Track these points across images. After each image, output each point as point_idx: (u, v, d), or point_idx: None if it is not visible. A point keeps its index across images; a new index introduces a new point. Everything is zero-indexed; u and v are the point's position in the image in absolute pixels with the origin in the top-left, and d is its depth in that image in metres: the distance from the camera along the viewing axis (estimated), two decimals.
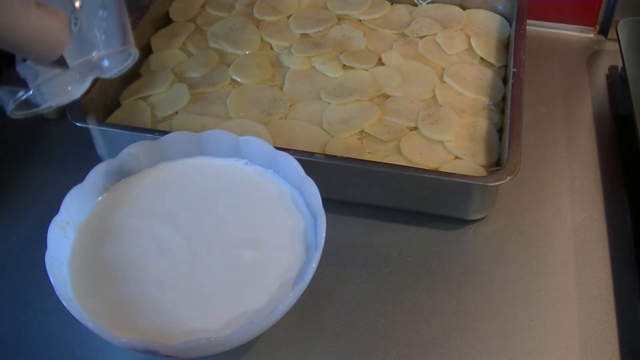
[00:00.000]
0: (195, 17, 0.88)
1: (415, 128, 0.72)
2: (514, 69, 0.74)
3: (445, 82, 0.77)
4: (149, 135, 0.65)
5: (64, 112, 0.71)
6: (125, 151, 0.62)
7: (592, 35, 0.91)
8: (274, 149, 0.62)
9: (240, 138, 0.63)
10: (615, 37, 0.81)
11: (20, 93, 0.50)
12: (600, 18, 0.90)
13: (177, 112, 0.74)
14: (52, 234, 0.55)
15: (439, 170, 0.67)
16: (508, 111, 0.69)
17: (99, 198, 0.61)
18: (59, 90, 0.53)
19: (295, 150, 0.64)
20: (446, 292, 0.62)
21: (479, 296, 0.61)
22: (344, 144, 0.70)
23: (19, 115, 0.51)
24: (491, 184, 0.62)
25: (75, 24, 0.48)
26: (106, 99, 0.75)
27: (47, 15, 0.45)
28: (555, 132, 0.77)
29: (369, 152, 0.70)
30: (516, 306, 0.60)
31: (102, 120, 0.73)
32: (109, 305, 0.54)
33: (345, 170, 0.65)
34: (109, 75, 0.53)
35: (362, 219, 0.68)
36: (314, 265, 0.54)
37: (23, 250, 0.65)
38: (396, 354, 0.57)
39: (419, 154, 0.69)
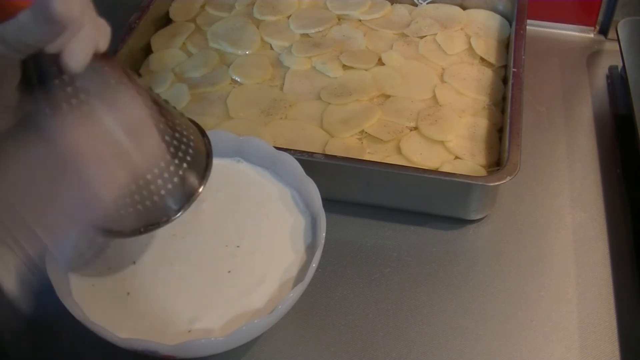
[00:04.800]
0: (195, 17, 0.88)
1: (415, 128, 0.72)
2: (514, 69, 0.74)
3: (445, 82, 0.77)
4: None
5: None
6: None
7: (592, 35, 0.91)
8: (274, 149, 0.62)
9: (241, 138, 0.63)
10: (615, 37, 0.81)
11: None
12: (600, 18, 0.90)
13: None
14: None
15: (439, 170, 0.67)
16: (508, 111, 0.69)
17: None
18: None
19: (295, 150, 0.64)
20: (446, 292, 0.62)
21: (479, 296, 0.61)
22: (344, 144, 0.70)
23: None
24: (491, 184, 0.62)
25: None
26: None
27: None
28: (555, 132, 0.77)
29: (369, 152, 0.70)
30: (516, 306, 0.60)
31: None
32: (109, 305, 0.54)
33: (345, 170, 0.65)
34: None
35: (362, 219, 0.68)
36: (314, 265, 0.54)
37: None
38: (396, 354, 0.57)
39: (419, 154, 0.69)
